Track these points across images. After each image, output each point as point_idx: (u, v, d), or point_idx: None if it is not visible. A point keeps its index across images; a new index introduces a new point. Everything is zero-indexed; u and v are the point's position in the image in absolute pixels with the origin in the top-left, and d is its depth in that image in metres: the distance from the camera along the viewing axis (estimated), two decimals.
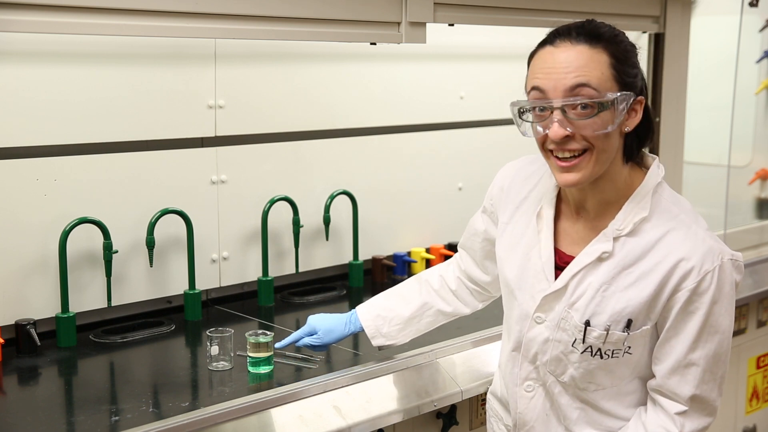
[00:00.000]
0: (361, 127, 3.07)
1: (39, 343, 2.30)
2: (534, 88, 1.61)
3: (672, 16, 3.29)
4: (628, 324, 1.65)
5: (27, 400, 2.06)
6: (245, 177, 2.76)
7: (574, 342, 1.70)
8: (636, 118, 1.64)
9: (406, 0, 2.45)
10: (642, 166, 1.73)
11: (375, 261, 3.05)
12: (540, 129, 1.62)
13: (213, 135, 2.68)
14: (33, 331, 2.29)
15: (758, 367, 3.50)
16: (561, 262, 1.74)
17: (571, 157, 1.60)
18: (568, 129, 1.58)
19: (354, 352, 2.31)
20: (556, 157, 1.62)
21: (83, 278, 2.44)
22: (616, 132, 1.61)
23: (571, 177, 1.61)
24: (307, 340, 2.12)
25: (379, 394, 2.09)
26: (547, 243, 1.74)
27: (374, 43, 2.52)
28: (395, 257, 3.09)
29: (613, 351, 1.68)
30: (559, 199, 1.77)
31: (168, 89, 2.58)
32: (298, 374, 2.12)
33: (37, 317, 2.34)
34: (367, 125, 3.08)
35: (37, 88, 2.34)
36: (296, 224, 2.79)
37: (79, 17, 1.96)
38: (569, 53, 1.58)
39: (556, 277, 1.72)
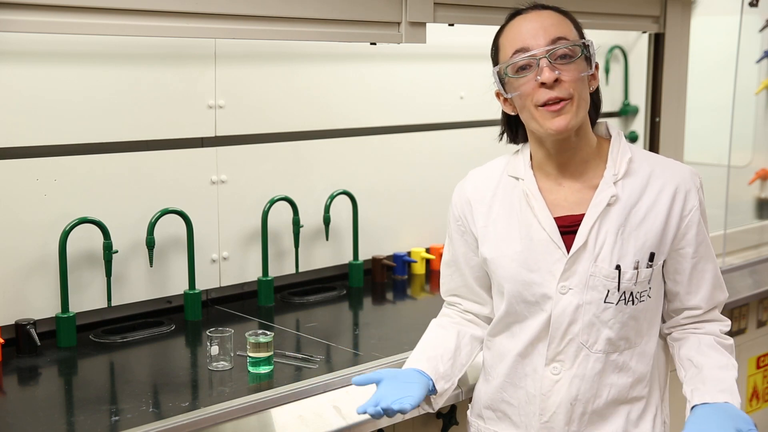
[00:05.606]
0: (361, 127, 3.07)
1: (39, 343, 2.29)
2: (517, 51, 1.74)
3: (672, 16, 3.29)
4: (651, 257, 1.78)
5: (27, 400, 2.06)
6: (245, 177, 2.76)
7: (607, 296, 1.76)
8: (596, 81, 1.80)
9: (406, 0, 2.45)
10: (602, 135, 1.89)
11: (375, 261, 3.05)
12: (530, 80, 1.72)
13: (213, 135, 2.68)
14: (33, 331, 2.29)
15: (758, 367, 3.50)
16: (562, 228, 1.79)
17: (560, 101, 1.71)
18: (555, 72, 1.70)
19: (354, 352, 2.32)
20: (544, 105, 1.72)
21: (83, 278, 2.44)
22: (587, 86, 1.76)
23: (560, 120, 1.72)
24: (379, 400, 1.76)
25: None
26: (545, 213, 1.80)
27: (374, 43, 2.52)
28: (395, 257, 3.09)
29: (641, 294, 1.78)
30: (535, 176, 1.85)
31: (168, 89, 2.57)
32: (298, 374, 2.12)
33: (37, 317, 2.34)
34: (367, 125, 3.08)
35: (37, 88, 2.34)
36: (296, 224, 2.79)
37: (79, 17, 1.96)
38: (543, 15, 1.76)
39: (564, 242, 1.78)
